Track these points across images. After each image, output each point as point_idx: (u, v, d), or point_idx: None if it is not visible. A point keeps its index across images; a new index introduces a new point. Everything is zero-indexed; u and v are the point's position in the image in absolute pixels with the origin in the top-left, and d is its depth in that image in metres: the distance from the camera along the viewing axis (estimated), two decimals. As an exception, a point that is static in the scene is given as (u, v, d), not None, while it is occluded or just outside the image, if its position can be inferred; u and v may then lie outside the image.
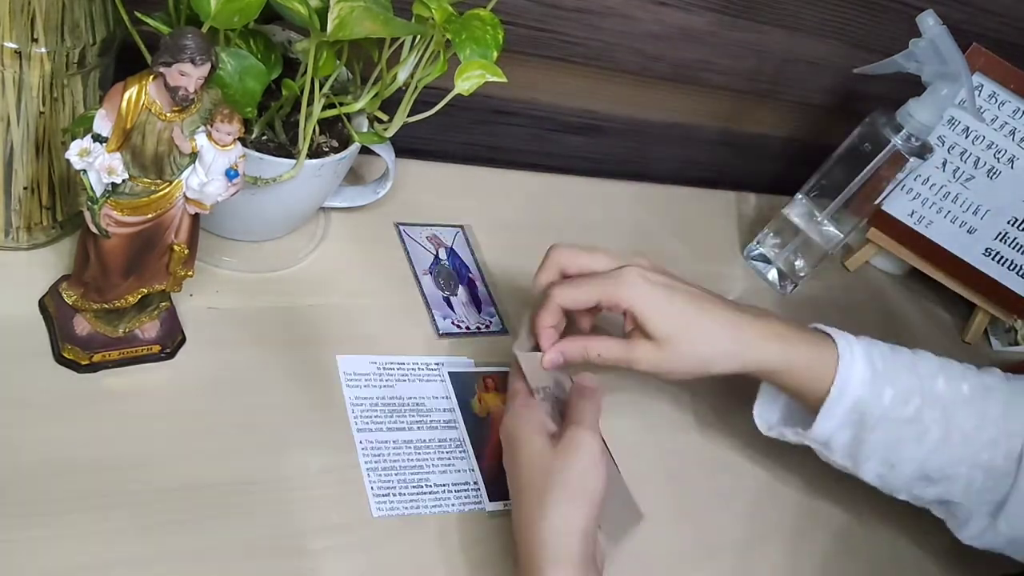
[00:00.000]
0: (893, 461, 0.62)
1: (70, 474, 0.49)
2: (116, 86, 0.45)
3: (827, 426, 0.61)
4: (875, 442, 0.61)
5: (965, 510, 0.63)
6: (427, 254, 0.74)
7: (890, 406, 0.60)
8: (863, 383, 0.60)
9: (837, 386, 0.60)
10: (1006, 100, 0.92)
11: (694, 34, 0.90)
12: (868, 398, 0.60)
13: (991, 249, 0.96)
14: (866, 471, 0.63)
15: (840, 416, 0.60)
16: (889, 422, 0.60)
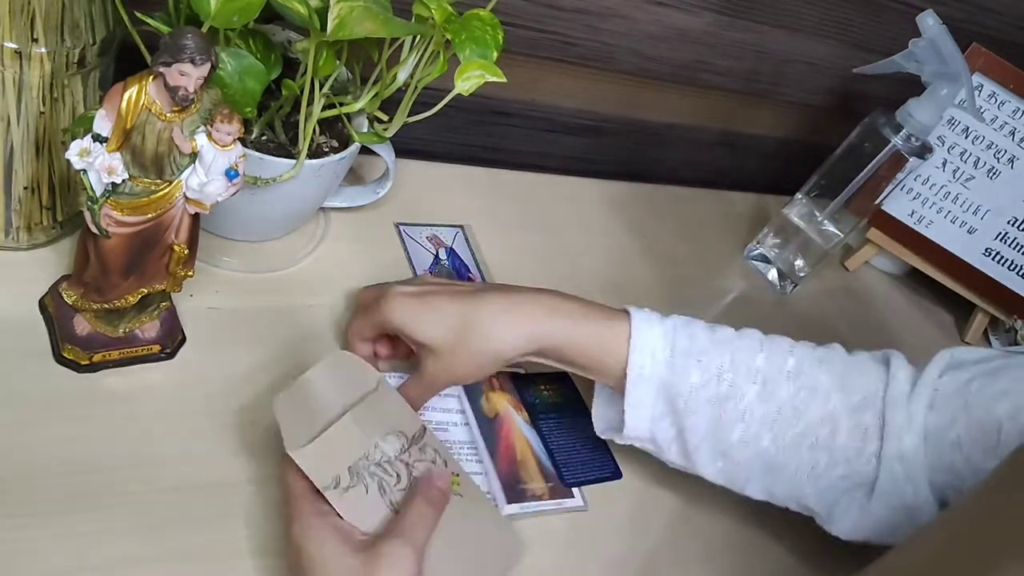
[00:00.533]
0: (723, 448, 0.58)
1: (70, 474, 0.49)
2: (116, 86, 0.45)
3: (638, 417, 0.57)
4: (695, 428, 0.57)
5: (821, 500, 0.58)
6: (427, 254, 0.74)
7: (699, 384, 0.56)
8: (661, 362, 0.56)
9: (632, 366, 0.56)
10: (1006, 100, 0.92)
11: (693, 35, 0.90)
12: (671, 378, 0.56)
13: (991, 249, 0.96)
14: (703, 466, 0.59)
15: (648, 403, 0.57)
16: (703, 403, 0.56)
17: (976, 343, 0.99)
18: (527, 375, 0.68)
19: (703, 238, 0.93)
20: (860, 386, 0.58)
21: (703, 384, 0.57)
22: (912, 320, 0.99)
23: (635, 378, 0.57)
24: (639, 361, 0.57)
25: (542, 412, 0.66)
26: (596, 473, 0.64)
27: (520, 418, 0.65)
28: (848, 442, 0.57)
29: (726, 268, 0.92)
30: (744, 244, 0.94)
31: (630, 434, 0.59)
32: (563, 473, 0.63)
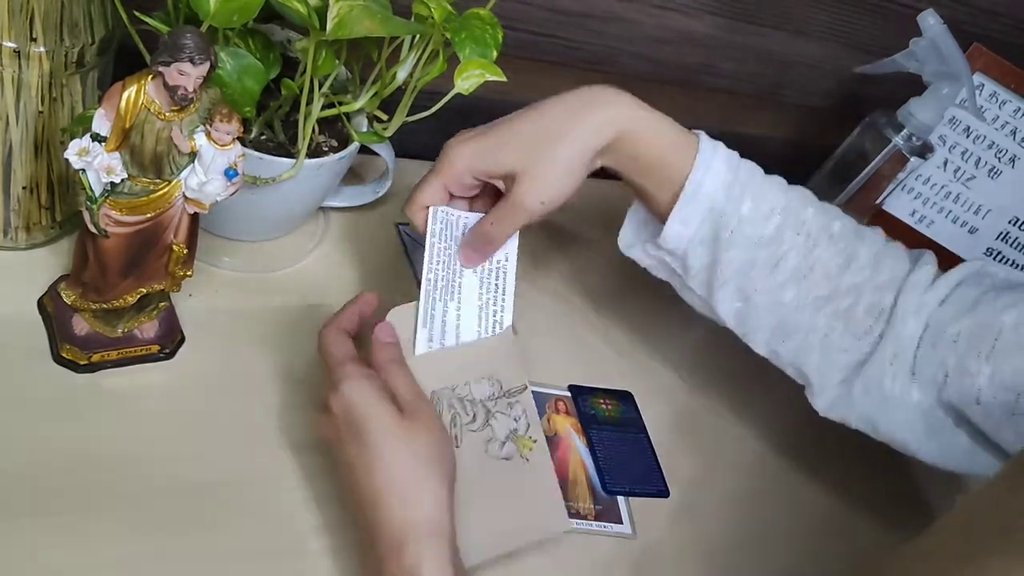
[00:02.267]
0: (747, 291, 0.57)
1: (69, 474, 0.49)
2: (115, 85, 0.45)
3: (681, 232, 0.57)
4: (728, 263, 0.57)
5: (820, 372, 0.58)
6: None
7: (748, 217, 0.56)
8: (721, 184, 0.55)
9: (693, 180, 0.55)
10: (1007, 99, 0.92)
11: (696, 38, 0.90)
12: (725, 204, 0.55)
13: (993, 249, 0.96)
14: (721, 301, 0.58)
15: (695, 222, 0.56)
16: (745, 239, 0.56)
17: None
18: (589, 388, 0.69)
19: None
20: (889, 267, 0.58)
21: (751, 219, 0.56)
22: (913, 320, 0.99)
23: (691, 192, 0.56)
24: (699, 177, 0.55)
25: (595, 424, 0.67)
26: (641, 488, 0.64)
27: (579, 441, 0.65)
28: (863, 318, 0.57)
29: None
30: (745, 244, 0.94)
31: (665, 243, 0.58)
32: (605, 479, 0.63)
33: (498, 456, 0.54)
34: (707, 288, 0.59)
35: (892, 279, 0.58)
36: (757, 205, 0.56)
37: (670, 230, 0.57)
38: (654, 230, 0.61)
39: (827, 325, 0.58)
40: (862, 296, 0.57)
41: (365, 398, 0.49)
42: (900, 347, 0.57)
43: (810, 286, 0.57)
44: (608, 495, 0.63)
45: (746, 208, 0.56)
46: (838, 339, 0.58)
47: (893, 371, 0.57)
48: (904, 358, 0.57)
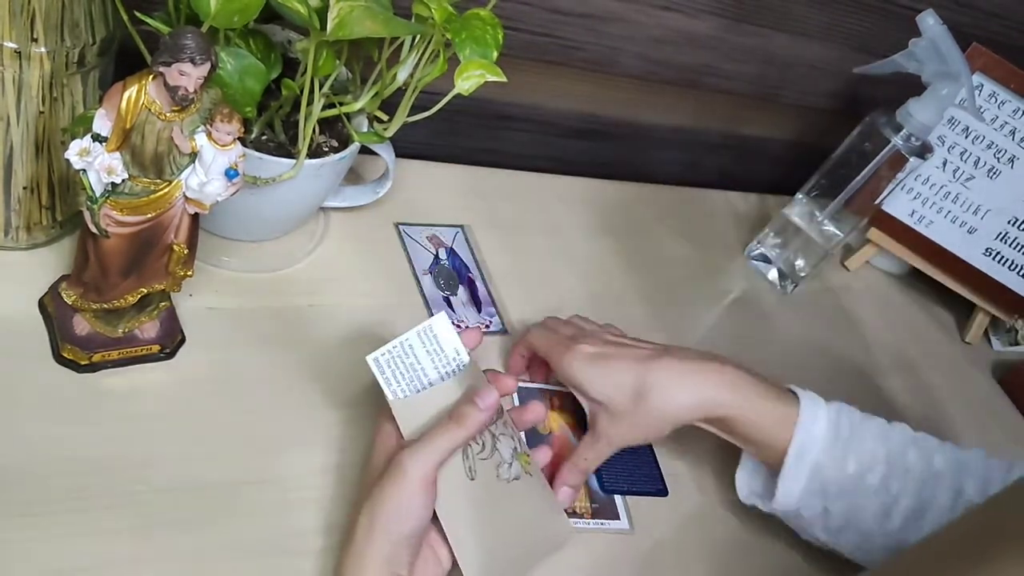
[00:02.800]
0: (867, 534, 0.59)
1: (70, 474, 0.49)
2: (116, 86, 0.45)
3: (789, 491, 0.58)
4: (841, 513, 0.58)
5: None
6: (427, 254, 0.74)
7: (854, 474, 0.58)
8: (823, 447, 0.58)
9: (795, 446, 0.57)
10: (1006, 100, 0.92)
11: (697, 39, 0.90)
12: (829, 464, 0.58)
13: (991, 249, 0.96)
14: (844, 544, 0.60)
15: (802, 482, 0.58)
16: (854, 492, 0.58)
17: (976, 343, 0.99)
18: None
19: (704, 238, 0.93)
20: (994, 489, 0.59)
21: (856, 475, 0.58)
22: (912, 320, 0.99)
23: (795, 458, 0.58)
24: (802, 444, 0.58)
25: None
26: (640, 487, 0.65)
27: (574, 439, 0.65)
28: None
29: (727, 268, 0.92)
30: (744, 244, 0.94)
31: (779, 505, 0.60)
32: (603, 478, 0.63)
33: (509, 478, 0.53)
34: (826, 533, 0.61)
35: (986, 483, 0.60)
36: (861, 461, 0.58)
37: (780, 494, 0.59)
38: (767, 477, 0.62)
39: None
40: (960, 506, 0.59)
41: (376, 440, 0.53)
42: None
43: (928, 526, 0.58)
44: (605, 494, 0.63)
45: (851, 466, 0.58)
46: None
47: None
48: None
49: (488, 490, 0.52)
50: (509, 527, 0.53)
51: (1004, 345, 1.00)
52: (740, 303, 0.88)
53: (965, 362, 0.96)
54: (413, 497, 0.48)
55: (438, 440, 0.49)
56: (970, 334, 0.99)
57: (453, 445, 0.50)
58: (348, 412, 0.60)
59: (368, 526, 0.48)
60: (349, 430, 0.59)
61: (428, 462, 0.49)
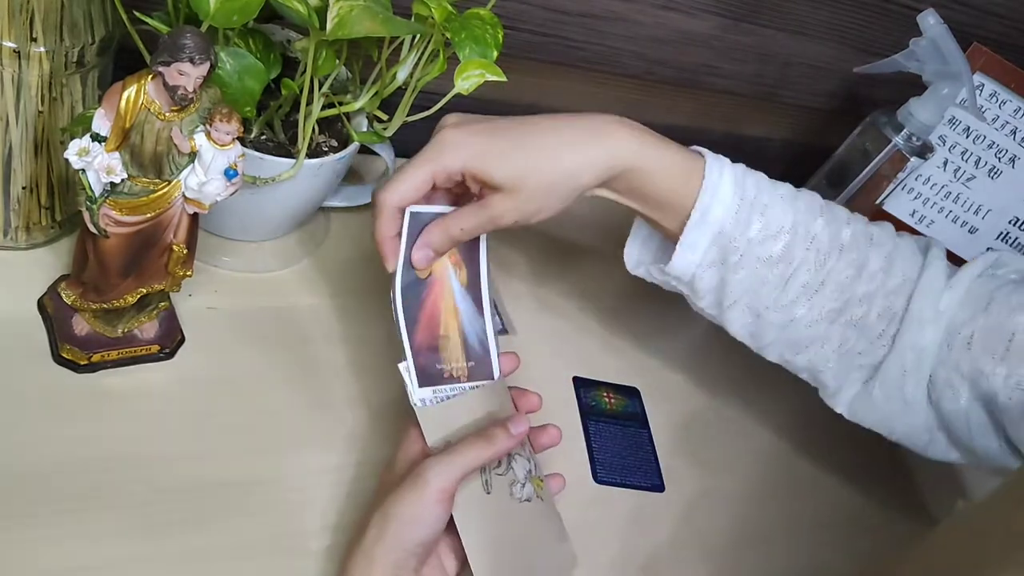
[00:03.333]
0: (758, 308, 0.57)
1: (69, 474, 0.49)
2: (115, 85, 0.45)
3: (688, 257, 0.56)
4: (738, 284, 0.56)
5: (836, 376, 0.59)
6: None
7: (756, 240, 0.55)
8: (728, 209, 0.55)
9: (699, 208, 0.54)
10: (1007, 99, 0.92)
11: (697, 38, 0.90)
12: (732, 227, 0.55)
13: (992, 249, 0.95)
14: (732, 320, 0.58)
15: (702, 247, 0.55)
16: (754, 260, 0.56)
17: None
18: (593, 381, 0.69)
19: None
20: (900, 269, 0.58)
21: (760, 240, 0.56)
22: (913, 320, 0.99)
23: (698, 219, 0.55)
24: (707, 203, 0.55)
25: (595, 415, 0.67)
26: (635, 480, 0.65)
27: (457, 283, 0.56)
28: (876, 323, 0.57)
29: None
30: (745, 244, 0.94)
31: (672, 271, 0.57)
32: (597, 470, 0.64)
33: (521, 499, 0.53)
34: (717, 308, 0.59)
35: (904, 282, 0.58)
36: (766, 225, 0.56)
37: (678, 259, 0.57)
38: (659, 248, 0.61)
39: (841, 335, 0.58)
40: (875, 303, 0.57)
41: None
42: (918, 355, 0.57)
43: (823, 300, 0.57)
44: (597, 483, 0.63)
45: (754, 230, 0.56)
46: (853, 346, 0.58)
47: (914, 379, 0.57)
48: (922, 366, 0.57)
49: (501, 506, 0.52)
50: (518, 546, 0.53)
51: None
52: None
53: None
54: (430, 507, 0.48)
55: (464, 457, 0.49)
56: (971, 334, 0.99)
57: (478, 464, 0.50)
58: (348, 412, 0.60)
59: (380, 529, 0.48)
60: (349, 430, 0.59)
61: (450, 476, 0.49)
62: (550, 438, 0.56)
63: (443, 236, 0.53)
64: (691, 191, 0.55)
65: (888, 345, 0.57)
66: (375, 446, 0.58)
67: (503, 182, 0.52)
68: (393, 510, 0.48)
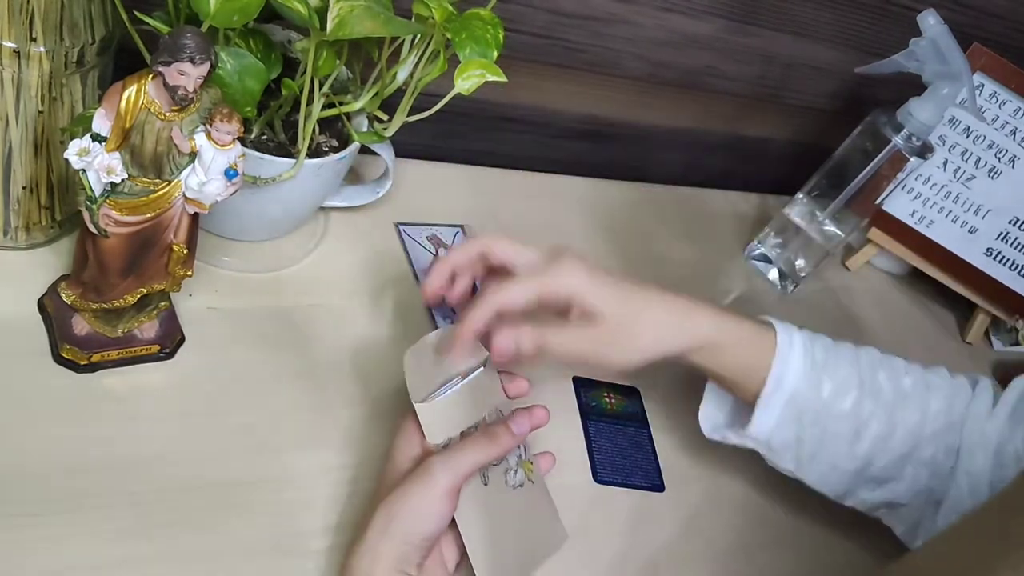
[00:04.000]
0: (834, 460, 0.60)
1: (69, 474, 0.49)
2: (115, 85, 0.45)
3: (765, 421, 0.59)
4: (814, 439, 0.60)
5: (913, 513, 0.62)
6: (427, 254, 0.74)
7: (828, 399, 0.59)
8: (801, 373, 0.59)
9: (774, 375, 0.58)
10: (1007, 100, 0.92)
11: (699, 40, 0.90)
12: (806, 390, 0.59)
13: (992, 249, 0.96)
14: (809, 473, 0.61)
15: (778, 410, 0.59)
16: (828, 417, 0.59)
17: (977, 343, 0.99)
18: (594, 381, 0.70)
19: (704, 238, 0.93)
20: (957, 408, 0.61)
21: (831, 399, 0.59)
22: (913, 320, 0.99)
23: (774, 387, 0.58)
24: (780, 371, 0.58)
25: (595, 415, 0.68)
26: (635, 480, 0.65)
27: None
28: (944, 460, 0.60)
29: (727, 268, 0.91)
30: (745, 244, 0.94)
31: (751, 433, 0.60)
32: (597, 470, 0.64)
33: (515, 485, 0.55)
34: (796, 463, 0.61)
35: (959, 418, 0.61)
36: (835, 384, 0.59)
37: (756, 424, 0.59)
38: (732, 410, 0.64)
39: (913, 474, 0.61)
40: (939, 443, 0.61)
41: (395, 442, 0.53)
42: (973, 480, 0.60)
43: (894, 444, 0.60)
44: (598, 483, 0.64)
45: (826, 391, 0.59)
46: (925, 483, 0.61)
47: (972, 503, 0.60)
48: (980, 486, 0.60)
49: (498, 495, 0.53)
50: (515, 531, 0.54)
51: (1005, 345, 1.00)
52: (740, 303, 0.88)
53: (966, 362, 0.96)
54: (436, 503, 0.49)
55: (471, 455, 0.51)
56: (971, 334, 0.99)
57: (483, 462, 0.51)
58: (348, 412, 0.60)
59: (385, 523, 0.48)
60: (349, 430, 0.59)
61: (458, 473, 0.50)
62: (538, 419, 0.56)
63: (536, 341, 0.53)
64: (765, 361, 0.59)
65: (950, 478, 0.61)
66: (375, 446, 0.58)
67: (607, 316, 0.55)
68: (399, 505, 0.48)
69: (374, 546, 0.48)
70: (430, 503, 0.49)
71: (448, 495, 0.49)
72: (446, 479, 0.49)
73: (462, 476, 0.50)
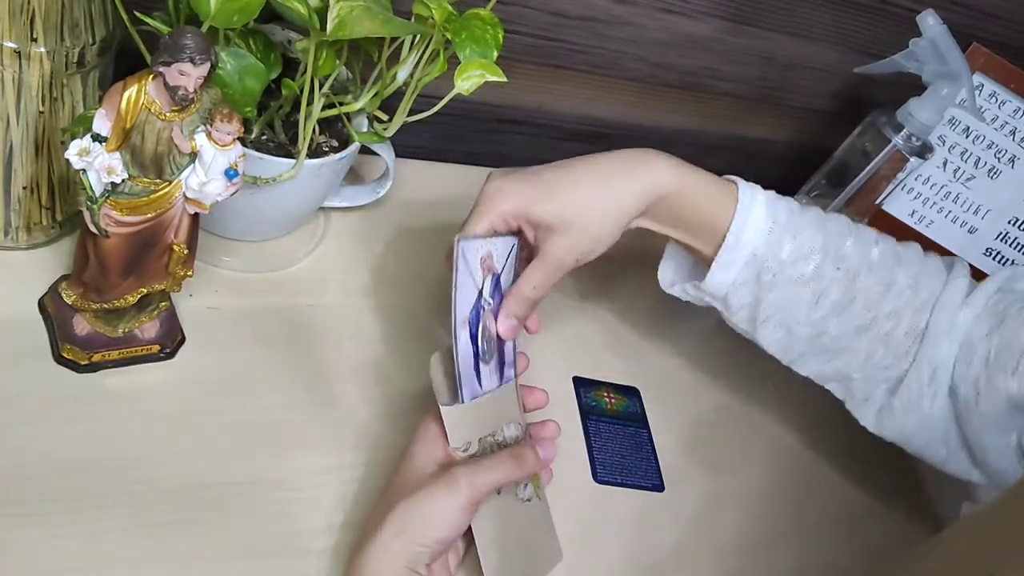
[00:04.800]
0: (790, 324, 0.59)
1: (70, 474, 0.49)
2: (115, 86, 0.45)
3: (723, 278, 0.58)
4: (771, 302, 0.58)
5: (863, 388, 0.61)
6: (473, 289, 0.55)
7: (788, 260, 0.58)
8: (761, 232, 0.57)
9: (733, 231, 0.57)
10: (1006, 100, 0.92)
11: (700, 41, 0.90)
12: (765, 250, 0.57)
13: (992, 249, 0.96)
14: (763, 335, 0.60)
15: (736, 268, 0.58)
16: (786, 280, 0.58)
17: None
18: (593, 381, 0.69)
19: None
20: (926, 286, 0.60)
21: (791, 261, 0.58)
22: (913, 320, 0.99)
23: (732, 242, 0.57)
24: (739, 227, 0.57)
25: (595, 415, 0.68)
26: (635, 480, 0.65)
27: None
28: (903, 340, 0.59)
29: (727, 268, 0.91)
30: (745, 244, 0.94)
31: (707, 288, 0.59)
32: (597, 470, 0.64)
33: (524, 499, 0.55)
34: (750, 323, 0.61)
35: (929, 298, 0.60)
36: (797, 247, 0.58)
37: (713, 278, 0.59)
38: (692, 268, 0.63)
39: (869, 348, 0.60)
40: (902, 319, 0.59)
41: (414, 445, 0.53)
42: (936, 369, 0.59)
43: (852, 316, 0.59)
44: (598, 483, 0.64)
45: (786, 251, 0.58)
46: (879, 360, 0.60)
47: (931, 391, 0.59)
48: (941, 379, 0.59)
49: (509, 507, 0.54)
50: (520, 544, 0.54)
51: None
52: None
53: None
54: (457, 513, 0.49)
55: (498, 472, 0.51)
56: (971, 334, 0.99)
57: (507, 480, 0.52)
58: (348, 412, 0.60)
59: (403, 524, 0.48)
60: (350, 430, 0.59)
61: (483, 488, 0.50)
62: (550, 432, 0.58)
63: (520, 301, 0.56)
64: (725, 214, 0.58)
65: (911, 360, 0.59)
66: (375, 446, 0.58)
67: (553, 220, 0.55)
68: (421, 509, 0.49)
69: (387, 544, 0.48)
70: (451, 512, 0.49)
71: (469, 506, 0.50)
72: (470, 491, 0.50)
73: (486, 491, 0.51)
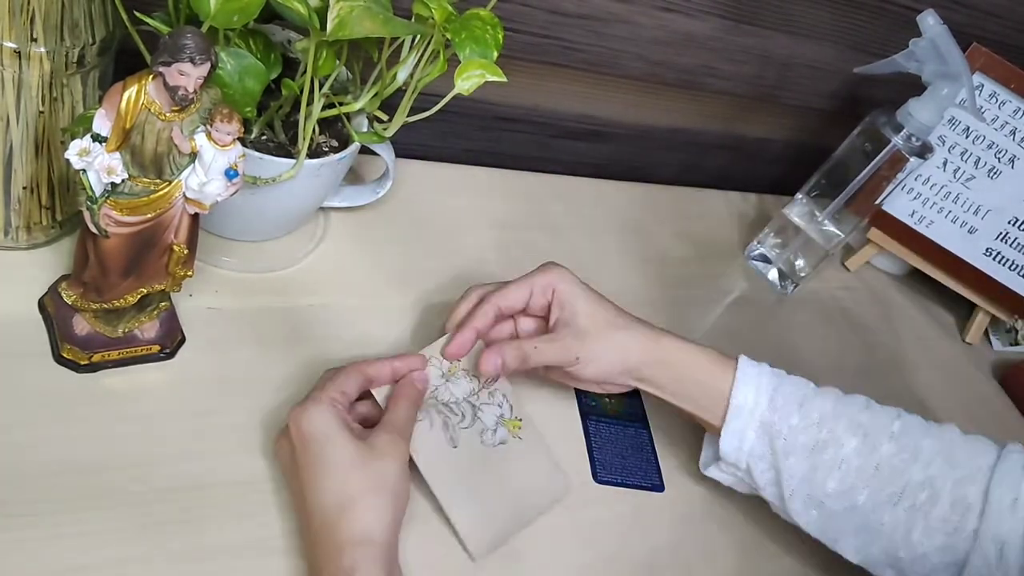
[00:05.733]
0: (819, 498, 0.57)
1: (70, 474, 0.49)
2: (115, 86, 0.45)
3: (734, 445, 0.58)
4: (791, 473, 0.57)
5: (918, 571, 0.56)
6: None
7: (799, 426, 0.57)
8: (765, 398, 0.58)
9: (735, 397, 0.58)
10: (1006, 100, 0.92)
11: (698, 40, 0.90)
12: (771, 416, 0.58)
13: (992, 249, 0.96)
14: (796, 513, 0.59)
15: (748, 437, 0.58)
16: (800, 447, 0.57)
17: (976, 343, 0.99)
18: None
19: (704, 238, 0.93)
20: (966, 460, 0.57)
21: (803, 428, 0.57)
22: (912, 320, 0.99)
23: (736, 408, 0.58)
24: (743, 393, 0.58)
25: (594, 414, 0.68)
26: (634, 480, 0.65)
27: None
28: (949, 514, 0.55)
29: (727, 268, 0.92)
30: (745, 244, 0.94)
31: (727, 459, 0.59)
32: (597, 470, 0.64)
33: (494, 443, 0.58)
34: (780, 501, 0.59)
35: (973, 472, 0.56)
36: (805, 415, 0.58)
37: (725, 447, 0.59)
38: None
39: (908, 520, 0.56)
40: (940, 492, 0.56)
41: (325, 421, 0.50)
42: (1003, 546, 0.54)
43: (880, 484, 0.56)
44: (598, 483, 0.64)
45: (795, 419, 0.58)
46: (922, 535, 0.56)
47: (1002, 571, 0.55)
48: (1010, 558, 0.54)
49: (472, 456, 0.57)
50: (498, 487, 0.57)
51: (1004, 345, 1.00)
52: (740, 303, 0.88)
53: (965, 362, 0.96)
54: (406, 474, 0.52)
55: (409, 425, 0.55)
56: (970, 334, 0.99)
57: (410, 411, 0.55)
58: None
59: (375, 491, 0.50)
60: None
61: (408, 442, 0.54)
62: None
63: (518, 353, 0.58)
64: (726, 386, 0.59)
65: (970, 540, 0.55)
66: (375, 446, 0.58)
67: (584, 322, 0.59)
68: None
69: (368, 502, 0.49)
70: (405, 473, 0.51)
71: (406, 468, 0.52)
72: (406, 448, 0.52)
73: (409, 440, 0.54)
